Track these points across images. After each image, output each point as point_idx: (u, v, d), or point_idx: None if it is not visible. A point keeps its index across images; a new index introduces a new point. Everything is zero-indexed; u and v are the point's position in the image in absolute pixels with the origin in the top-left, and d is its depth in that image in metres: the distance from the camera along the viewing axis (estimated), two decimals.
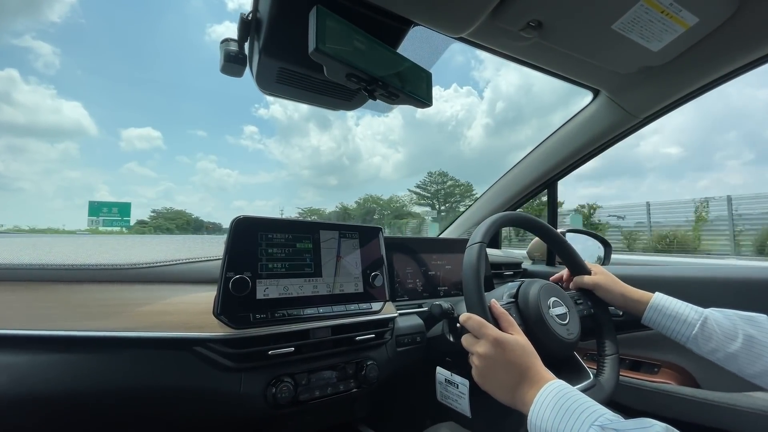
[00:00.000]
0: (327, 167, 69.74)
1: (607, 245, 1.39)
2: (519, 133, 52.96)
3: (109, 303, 0.59)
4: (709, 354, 0.66)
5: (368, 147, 71.87)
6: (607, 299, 0.80)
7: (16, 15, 58.91)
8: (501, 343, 0.56)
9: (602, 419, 0.44)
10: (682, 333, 0.69)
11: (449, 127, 59.21)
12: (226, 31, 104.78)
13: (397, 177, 63.94)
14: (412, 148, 64.04)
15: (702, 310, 0.69)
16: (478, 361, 0.58)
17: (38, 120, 58.79)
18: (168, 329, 0.58)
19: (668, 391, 0.93)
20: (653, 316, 0.72)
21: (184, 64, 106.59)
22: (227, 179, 79.41)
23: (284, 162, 79.25)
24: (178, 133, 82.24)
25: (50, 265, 0.60)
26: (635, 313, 0.76)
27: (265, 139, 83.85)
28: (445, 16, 0.66)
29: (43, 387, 0.51)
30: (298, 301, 0.68)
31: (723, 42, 0.76)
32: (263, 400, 0.62)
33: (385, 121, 71.62)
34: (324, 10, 0.54)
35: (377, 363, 0.76)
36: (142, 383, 0.56)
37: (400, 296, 0.99)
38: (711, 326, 0.66)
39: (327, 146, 73.00)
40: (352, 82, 0.62)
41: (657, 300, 0.73)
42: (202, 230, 33.83)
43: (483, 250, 0.68)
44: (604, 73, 0.91)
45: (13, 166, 53.86)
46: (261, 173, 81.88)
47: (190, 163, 77.85)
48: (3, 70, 57.38)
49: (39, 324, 0.53)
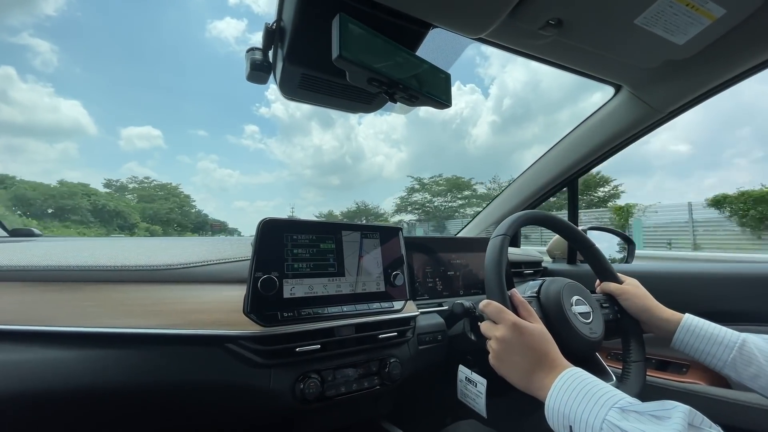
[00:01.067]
0: (330, 167, 69.26)
1: (631, 243, 1.36)
2: (527, 131, 51.67)
3: (147, 302, 0.62)
4: (750, 380, 0.60)
5: (371, 146, 71.13)
6: (632, 312, 0.76)
7: (11, 8, 59.02)
8: (519, 328, 0.56)
9: (622, 402, 0.44)
10: (719, 357, 0.63)
11: (453, 125, 58.26)
12: (226, 27, 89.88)
13: (400, 176, 62.93)
14: (416, 147, 63.17)
15: (739, 333, 0.64)
16: (495, 345, 0.58)
17: (36, 119, 58.21)
18: (202, 327, 0.61)
19: (698, 392, 0.91)
20: (685, 338, 0.67)
21: (184, 61, 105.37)
22: (228, 179, 78.91)
23: (286, 162, 78.50)
24: (178, 132, 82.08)
25: (95, 266, 0.64)
26: (662, 334, 0.72)
27: (266, 139, 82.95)
28: (464, 18, 0.67)
29: (90, 381, 0.55)
30: (322, 300, 0.70)
31: (750, 34, 0.74)
32: (292, 395, 0.64)
33: (388, 120, 70.20)
34: (346, 17, 0.56)
35: (400, 360, 0.77)
36: (178, 378, 0.59)
37: (420, 295, 1.00)
38: (750, 349, 0.61)
39: (330, 145, 72.36)
40: (374, 86, 0.63)
41: (689, 321, 0.68)
42: (206, 228, 30.99)
43: (506, 242, 0.68)
44: (627, 68, 0.89)
45: (11, 167, 54.60)
46: (262, 173, 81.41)
47: (191, 163, 77.16)
48: (0, 68, 58.39)
49: (85, 322, 0.57)
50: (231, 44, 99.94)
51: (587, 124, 1.20)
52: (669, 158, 46.30)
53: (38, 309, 0.57)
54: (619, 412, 0.43)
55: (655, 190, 45.00)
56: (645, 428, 0.40)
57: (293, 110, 77.41)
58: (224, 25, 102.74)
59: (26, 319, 0.55)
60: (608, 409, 0.44)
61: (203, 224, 32.13)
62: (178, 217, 28.04)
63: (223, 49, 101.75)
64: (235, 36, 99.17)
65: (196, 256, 0.72)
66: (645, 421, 0.41)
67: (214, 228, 36.74)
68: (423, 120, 59.95)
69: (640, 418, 0.42)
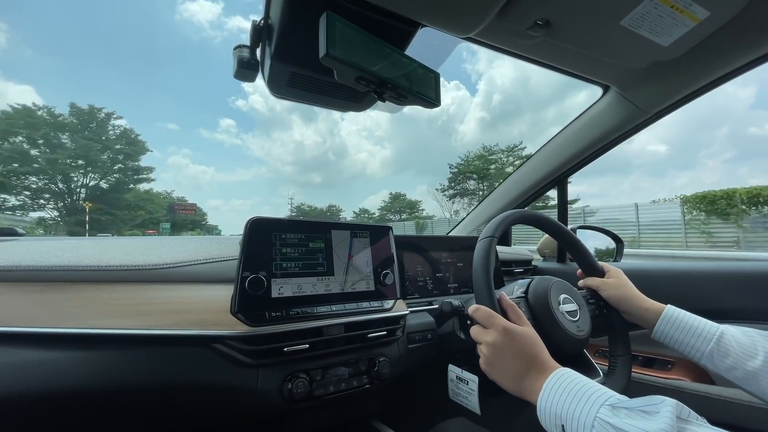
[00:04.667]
0: (312, 163, 67.46)
1: (619, 241, 1.38)
2: (514, 128, 51.57)
3: (132, 302, 0.62)
4: (726, 372, 0.62)
5: (354, 143, 69.61)
6: (613, 304, 0.77)
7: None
8: (509, 333, 0.57)
9: (612, 399, 0.45)
10: (697, 348, 0.64)
11: (439, 122, 57.96)
12: (200, 10, 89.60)
13: (384, 174, 61.55)
14: (400, 144, 62.45)
15: (718, 324, 0.65)
16: (485, 350, 0.59)
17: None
18: (188, 327, 0.60)
19: (682, 388, 0.93)
20: (665, 329, 0.68)
21: (152, 46, 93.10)
22: (202, 176, 76.02)
23: (264, 158, 75.63)
24: (146, 123, 75.99)
25: (78, 266, 0.63)
26: (644, 324, 0.73)
27: (242, 134, 79.17)
28: (452, 17, 0.67)
29: (73, 383, 0.54)
30: (311, 300, 0.69)
31: (734, 36, 0.75)
32: (280, 395, 0.64)
33: (372, 115, 67.88)
34: (334, 15, 0.56)
35: (389, 359, 0.77)
36: (165, 379, 0.59)
37: (410, 294, 1.01)
38: (728, 341, 0.62)
39: (312, 140, 70.23)
40: (362, 84, 0.63)
41: (670, 312, 0.69)
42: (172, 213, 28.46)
43: (494, 245, 0.69)
44: (614, 68, 0.90)
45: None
46: (239, 170, 78.39)
47: (162, 157, 73.41)
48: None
49: (69, 322, 0.56)
50: (205, 29, 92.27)
51: (576, 124, 1.21)
52: (647, 158, 47.07)
53: (20, 309, 0.56)
54: (610, 408, 0.44)
55: (630, 189, 45.62)
56: (635, 423, 0.41)
57: (273, 103, 74.34)
58: (197, 6, 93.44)
59: (7, 320, 0.54)
60: (599, 406, 0.45)
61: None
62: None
63: (197, 34, 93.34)
64: (209, 20, 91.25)
65: (182, 255, 0.71)
66: (635, 417, 0.42)
67: (178, 210, 30.74)
68: (407, 117, 59.31)
69: (630, 414, 0.43)
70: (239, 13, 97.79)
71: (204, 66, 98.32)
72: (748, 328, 0.64)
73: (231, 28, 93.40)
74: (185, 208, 32.22)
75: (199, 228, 34.63)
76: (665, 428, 0.39)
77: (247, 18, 1.38)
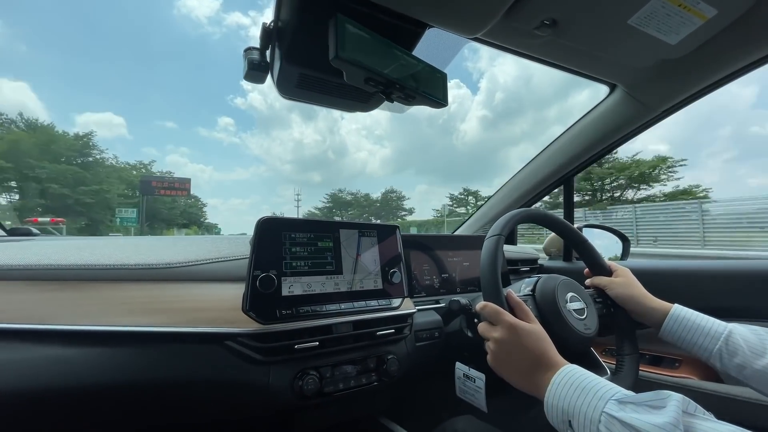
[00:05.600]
0: (311, 162, 66.39)
1: (625, 240, 1.38)
2: (516, 126, 50.84)
3: (147, 300, 0.63)
4: (735, 371, 0.61)
5: (354, 141, 68.78)
6: (621, 303, 0.77)
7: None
8: (517, 329, 0.58)
9: (619, 395, 0.46)
10: (705, 347, 0.64)
11: (440, 120, 57.30)
12: (198, 5, 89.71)
13: (384, 173, 60.52)
14: (400, 143, 61.75)
15: (725, 323, 0.65)
16: (493, 346, 0.59)
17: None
18: (201, 324, 0.61)
19: (690, 386, 0.93)
20: (672, 328, 0.68)
21: (149, 42, 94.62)
22: (201, 175, 74.63)
23: (263, 157, 74.73)
24: (144, 122, 76.46)
25: (94, 265, 0.64)
26: (652, 324, 0.73)
27: (241, 133, 77.74)
28: (459, 18, 0.67)
29: (91, 379, 0.55)
30: (320, 298, 0.70)
31: (742, 33, 0.75)
32: (291, 391, 0.65)
33: (372, 114, 68.59)
34: (344, 18, 0.57)
35: (397, 357, 0.78)
36: (179, 375, 0.60)
37: (417, 293, 1.01)
38: (736, 340, 0.62)
39: (311, 139, 69.11)
40: (370, 85, 0.64)
41: (677, 311, 0.69)
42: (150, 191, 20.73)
43: (501, 242, 0.69)
44: (621, 67, 0.90)
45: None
46: (237, 169, 77.18)
47: (160, 156, 73.13)
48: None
49: (86, 320, 0.57)
50: (203, 25, 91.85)
51: (582, 123, 1.21)
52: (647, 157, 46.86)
53: (38, 307, 0.58)
54: (617, 404, 0.44)
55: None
56: (642, 417, 0.41)
57: (272, 101, 73.21)
58: (195, 2, 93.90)
59: (26, 317, 0.56)
60: (606, 401, 0.45)
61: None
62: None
63: (195, 30, 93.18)
64: (207, 15, 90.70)
65: (195, 254, 0.73)
66: (642, 411, 0.43)
67: (158, 189, 19.75)
68: (408, 115, 58.73)
69: (636, 409, 0.43)
70: (238, 8, 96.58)
71: (202, 63, 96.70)
72: (757, 327, 0.64)
73: (230, 24, 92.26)
74: (170, 187, 19.94)
75: (197, 225, 29.14)
76: (671, 422, 0.39)
77: (246, 14, 1.31)
